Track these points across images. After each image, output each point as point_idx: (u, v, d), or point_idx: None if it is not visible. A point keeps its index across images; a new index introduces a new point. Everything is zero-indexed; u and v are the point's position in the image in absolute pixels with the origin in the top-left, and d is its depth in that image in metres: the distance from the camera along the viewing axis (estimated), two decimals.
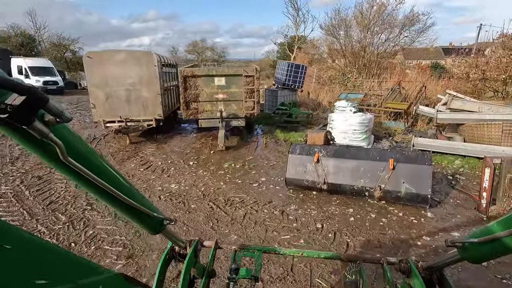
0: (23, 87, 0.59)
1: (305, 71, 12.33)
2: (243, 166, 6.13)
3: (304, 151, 4.70)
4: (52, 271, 0.67)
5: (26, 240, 0.63)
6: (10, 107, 0.58)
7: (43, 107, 0.64)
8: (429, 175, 3.87)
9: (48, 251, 0.69)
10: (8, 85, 0.57)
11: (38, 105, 0.63)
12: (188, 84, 7.85)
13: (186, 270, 1.42)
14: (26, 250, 0.61)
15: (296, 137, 8.45)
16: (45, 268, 0.65)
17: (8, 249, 0.55)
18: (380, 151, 4.27)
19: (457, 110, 6.71)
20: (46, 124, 0.66)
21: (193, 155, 7.09)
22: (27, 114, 0.61)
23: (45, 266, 0.66)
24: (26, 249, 0.62)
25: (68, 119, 0.71)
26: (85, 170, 0.79)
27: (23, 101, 0.59)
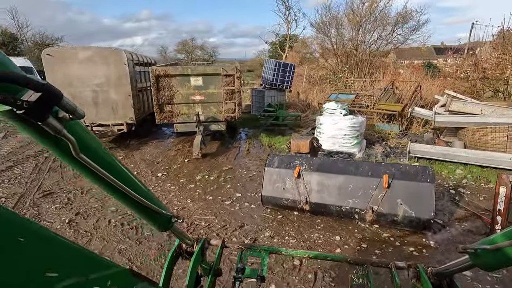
0: (38, 83, 0.61)
1: (293, 70, 11.62)
2: (218, 178, 5.37)
3: (283, 164, 3.96)
4: (62, 264, 0.67)
5: (37, 233, 0.63)
6: (26, 104, 0.59)
7: (57, 104, 0.66)
8: (431, 195, 3.18)
9: (59, 244, 0.68)
10: (24, 82, 0.59)
11: (52, 101, 0.65)
12: (161, 85, 7.06)
13: (193, 268, 1.46)
14: (37, 243, 0.61)
15: (282, 142, 7.73)
16: (55, 261, 0.65)
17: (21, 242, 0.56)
18: (373, 165, 3.57)
19: (456, 113, 6.07)
20: (60, 120, 0.68)
21: (165, 164, 6.30)
22: (42, 111, 0.63)
23: (56, 259, 0.66)
24: (38, 242, 0.62)
25: (81, 115, 0.72)
26: (97, 167, 0.82)
27: (38, 98, 0.61)
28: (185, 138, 8.46)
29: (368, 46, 16.73)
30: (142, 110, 8.49)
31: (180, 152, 7.22)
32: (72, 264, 0.71)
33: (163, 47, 41.24)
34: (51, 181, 5.36)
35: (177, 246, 1.55)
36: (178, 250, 1.55)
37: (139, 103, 8.27)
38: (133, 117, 7.71)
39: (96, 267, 0.79)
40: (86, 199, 4.58)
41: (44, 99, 0.61)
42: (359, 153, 6.58)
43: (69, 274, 0.67)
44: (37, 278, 0.58)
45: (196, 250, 1.53)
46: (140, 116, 8.25)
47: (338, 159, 3.85)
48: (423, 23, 16.78)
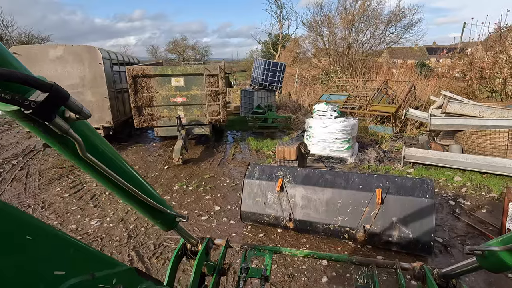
0: (46, 84, 0.62)
1: (284, 70, 11.19)
2: (197, 188, 4.91)
3: (265, 175, 3.52)
4: (69, 262, 0.68)
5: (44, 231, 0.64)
6: (33, 104, 0.60)
7: (64, 104, 0.67)
8: (431, 213, 2.76)
9: (65, 243, 0.69)
10: (32, 82, 0.60)
11: (60, 101, 0.66)
12: (139, 86, 6.56)
13: (197, 267, 1.46)
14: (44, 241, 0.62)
15: (270, 146, 7.29)
16: (62, 259, 0.66)
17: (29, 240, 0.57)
18: (364, 177, 3.14)
19: (453, 115, 5.70)
20: (66, 120, 0.70)
21: (142, 172, 5.81)
22: (49, 111, 0.64)
23: (63, 257, 0.67)
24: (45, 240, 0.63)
25: (87, 115, 0.74)
26: (103, 166, 0.83)
27: (45, 98, 0.62)
28: (168, 142, 7.97)
29: (361, 46, 16.41)
30: (121, 113, 7.98)
31: (161, 158, 6.72)
32: (79, 262, 0.71)
33: (153, 47, 40.47)
34: (12, 193, 4.83)
35: (182, 245, 1.56)
36: (182, 249, 1.57)
37: (118, 106, 7.76)
38: (111, 121, 7.20)
39: (102, 265, 0.79)
40: (45, 215, 4.07)
41: (51, 99, 0.63)
42: (351, 158, 6.18)
43: (76, 273, 0.67)
44: (46, 277, 0.59)
45: (200, 250, 1.53)
46: (119, 120, 7.74)
47: (325, 171, 3.41)
48: (416, 21, 16.55)
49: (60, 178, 5.51)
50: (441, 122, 5.71)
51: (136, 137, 8.73)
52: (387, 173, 5.39)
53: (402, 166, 5.60)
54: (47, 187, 5.10)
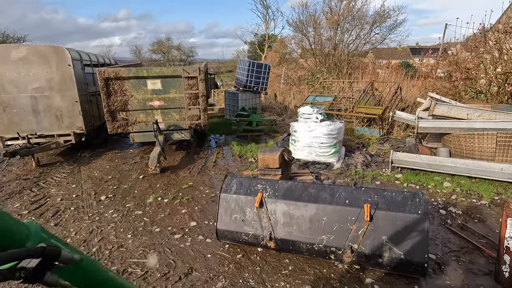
0: (37, 251, 0.69)
1: (269, 70, 10.90)
2: (173, 201, 4.52)
3: (243, 189, 3.19)
4: None
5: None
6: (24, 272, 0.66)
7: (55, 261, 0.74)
8: (424, 231, 2.50)
9: None
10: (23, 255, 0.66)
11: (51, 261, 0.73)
12: (112, 89, 6.11)
13: None
14: None
15: (254, 151, 6.96)
16: None
17: None
18: (351, 191, 2.86)
19: (441, 117, 5.54)
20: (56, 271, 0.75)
21: (114, 182, 5.37)
22: (41, 272, 0.70)
23: None
24: None
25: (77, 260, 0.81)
26: None
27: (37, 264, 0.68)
28: (147, 148, 7.53)
29: (347, 46, 16.33)
30: (96, 118, 7.48)
31: (137, 166, 6.29)
32: None
33: (137, 47, 39.45)
34: None
35: None
36: None
37: (91, 110, 7.27)
38: (83, 126, 6.71)
39: None
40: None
41: (43, 262, 0.69)
42: (337, 163, 5.93)
43: None
44: None
45: None
46: (92, 125, 7.24)
47: (308, 184, 3.11)
48: (401, 22, 16.61)
49: (22, 191, 5.00)
50: (429, 124, 5.54)
51: (113, 143, 8.23)
52: (375, 179, 5.16)
53: (390, 171, 5.39)
54: (5, 202, 4.60)
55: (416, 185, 4.82)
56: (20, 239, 0.75)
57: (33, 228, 0.82)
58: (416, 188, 4.71)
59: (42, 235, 0.83)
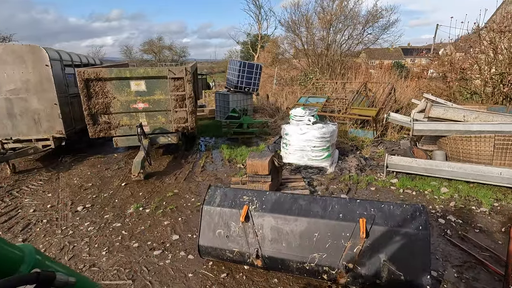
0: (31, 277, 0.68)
1: (260, 71, 10.64)
2: (155, 211, 4.22)
3: (227, 201, 2.91)
4: None
5: None
6: None
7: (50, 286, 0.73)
8: (426, 249, 2.26)
9: None
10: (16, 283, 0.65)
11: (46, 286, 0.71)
12: (93, 91, 5.77)
13: None
14: None
15: (245, 155, 6.69)
16: None
17: None
18: (345, 204, 2.60)
19: (437, 119, 5.35)
20: None
21: (94, 190, 5.03)
22: None
23: None
24: None
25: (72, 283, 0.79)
26: None
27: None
28: (132, 152, 7.19)
29: (339, 46, 16.18)
30: (78, 121, 7.10)
31: (120, 172, 5.95)
32: None
33: (127, 47, 38.76)
34: None
35: None
36: None
37: (73, 113, 6.89)
38: (62, 130, 6.34)
39: None
40: None
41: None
42: (330, 167, 5.69)
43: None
44: None
45: None
46: (74, 128, 6.88)
47: (298, 195, 2.85)
48: (394, 22, 16.54)
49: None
50: (424, 127, 5.34)
51: (98, 147, 7.85)
52: (370, 184, 4.93)
53: (385, 176, 5.17)
54: None
55: (413, 190, 4.61)
56: (14, 263, 0.75)
57: (28, 250, 0.82)
58: (413, 194, 4.49)
59: (36, 257, 0.82)
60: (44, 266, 0.83)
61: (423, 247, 2.27)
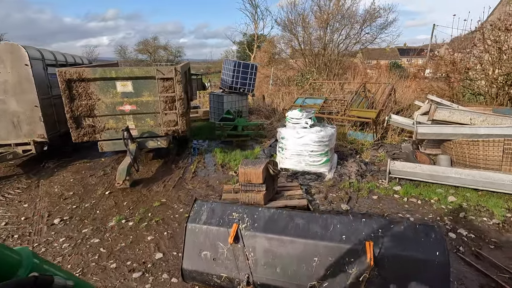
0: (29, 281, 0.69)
1: (256, 71, 10.31)
2: (139, 223, 3.86)
3: (215, 218, 2.56)
4: None
5: None
6: None
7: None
8: (445, 279, 1.93)
9: None
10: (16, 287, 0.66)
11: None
12: (75, 92, 5.39)
13: None
14: None
15: (238, 160, 6.34)
16: None
17: None
18: (348, 223, 2.28)
19: (442, 122, 5.05)
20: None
21: (75, 200, 4.66)
22: None
23: None
24: None
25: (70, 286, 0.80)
26: None
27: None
28: (121, 156, 6.79)
29: (337, 46, 15.90)
30: (63, 124, 6.69)
31: (105, 179, 5.58)
32: None
33: (122, 47, 38.18)
34: None
35: None
36: None
37: (56, 115, 6.49)
38: (44, 134, 5.95)
39: None
40: None
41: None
42: (329, 172, 5.37)
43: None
44: None
45: None
46: (58, 131, 6.49)
47: (295, 212, 2.51)
48: (392, 21, 16.30)
49: None
50: (428, 130, 5.04)
51: (84, 151, 7.45)
52: (371, 192, 4.61)
53: (388, 183, 4.86)
54: None
55: (418, 199, 4.30)
56: (11, 267, 0.76)
57: (25, 254, 0.82)
58: (418, 204, 4.18)
59: (34, 261, 0.82)
60: (42, 269, 0.83)
61: (441, 277, 1.94)
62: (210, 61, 46.46)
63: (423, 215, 3.84)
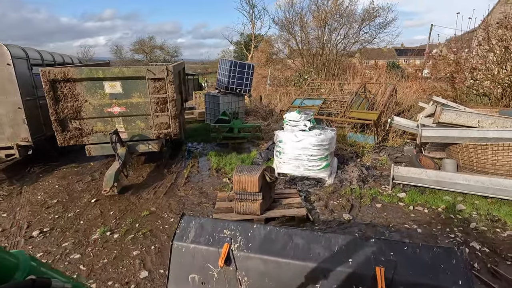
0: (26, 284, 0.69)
1: (252, 71, 10.03)
2: (124, 236, 3.56)
3: (204, 236, 2.28)
4: None
5: None
6: None
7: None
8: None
9: None
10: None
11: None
12: (60, 93, 5.09)
13: None
14: None
15: (234, 163, 6.06)
16: None
17: None
18: (354, 243, 2.00)
19: (448, 125, 4.80)
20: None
21: (58, 209, 4.35)
22: None
23: None
24: None
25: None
26: None
27: None
28: (111, 160, 6.46)
29: (335, 45, 15.66)
30: (49, 126, 6.36)
31: (93, 185, 5.27)
32: None
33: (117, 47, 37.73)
34: None
35: None
36: None
37: (43, 117, 6.16)
38: (28, 137, 5.64)
39: None
40: None
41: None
42: (329, 178, 5.10)
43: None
44: None
45: None
46: (44, 135, 6.18)
47: (294, 230, 2.23)
48: (391, 20, 16.09)
49: None
50: (434, 133, 4.78)
51: (73, 154, 7.12)
52: (374, 199, 4.34)
53: (391, 189, 4.59)
54: None
55: (424, 207, 4.03)
56: (9, 270, 0.75)
57: (22, 257, 0.82)
58: (425, 213, 3.91)
59: (31, 264, 0.82)
60: (39, 272, 0.83)
61: None
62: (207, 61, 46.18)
63: (431, 225, 3.58)
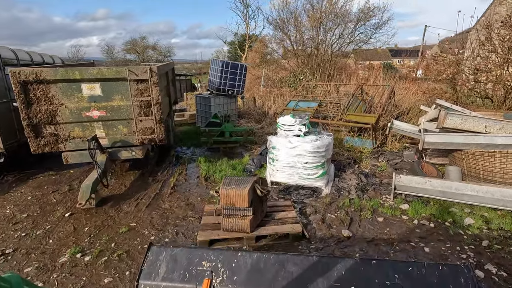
0: None
1: (245, 72, 9.65)
2: (97, 258, 3.15)
3: (178, 271, 1.89)
4: None
5: None
6: None
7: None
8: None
9: None
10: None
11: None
12: (33, 96, 4.65)
13: None
14: None
15: (225, 170, 5.68)
16: None
17: None
18: (355, 267, 1.64)
19: (452, 130, 4.48)
20: None
21: (27, 225, 3.91)
22: None
23: None
24: None
25: None
26: None
27: None
28: (92, 167, 6.02)
29: (330, 46, 15.38)
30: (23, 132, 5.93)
31: (70, 196, 4.84)
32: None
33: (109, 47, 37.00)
34: None
35: None
36: None
37: (17, 122, 5.69)
38: (0, 144, 5.17)
39: None
40: None
41: None
42: (326, 187, 4.76)
43: None
44: None
45: None
46: (18, 141, 5.73)
47: (285, 255, 1.86)
48: (387, 20, 15.88)
49: None
50: (437, 139, 4.46)
51: (52, 160, 6.62)
52: (375, 212, 4.00)
53: (393, 200, 4.26)
54: None
55: (430, 221, 3.70)
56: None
57: (14, 281, 0.82)
58: (431, 227, 3.58)
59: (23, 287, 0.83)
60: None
61: None
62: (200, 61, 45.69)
63: (438, 243, 3.24)
